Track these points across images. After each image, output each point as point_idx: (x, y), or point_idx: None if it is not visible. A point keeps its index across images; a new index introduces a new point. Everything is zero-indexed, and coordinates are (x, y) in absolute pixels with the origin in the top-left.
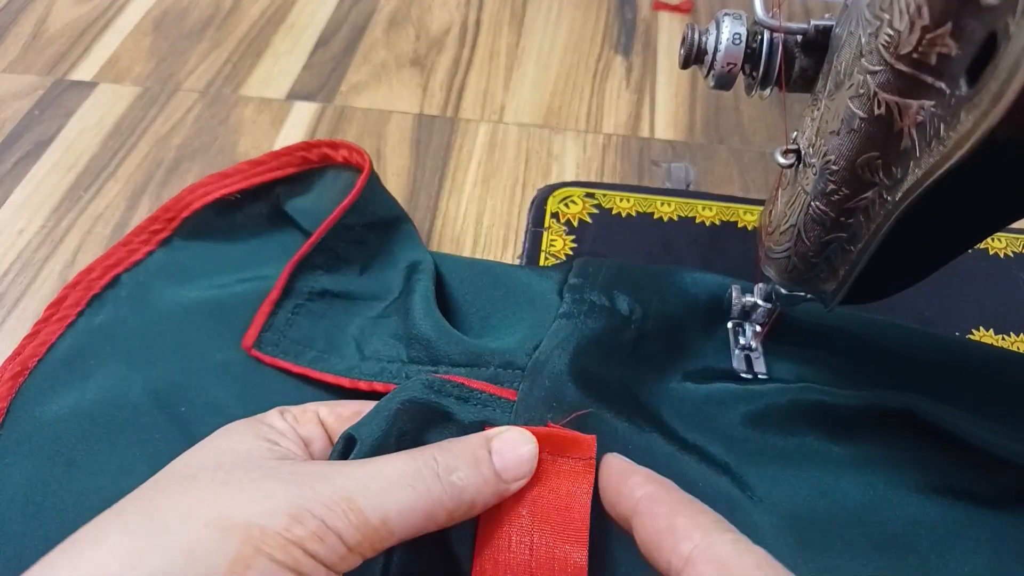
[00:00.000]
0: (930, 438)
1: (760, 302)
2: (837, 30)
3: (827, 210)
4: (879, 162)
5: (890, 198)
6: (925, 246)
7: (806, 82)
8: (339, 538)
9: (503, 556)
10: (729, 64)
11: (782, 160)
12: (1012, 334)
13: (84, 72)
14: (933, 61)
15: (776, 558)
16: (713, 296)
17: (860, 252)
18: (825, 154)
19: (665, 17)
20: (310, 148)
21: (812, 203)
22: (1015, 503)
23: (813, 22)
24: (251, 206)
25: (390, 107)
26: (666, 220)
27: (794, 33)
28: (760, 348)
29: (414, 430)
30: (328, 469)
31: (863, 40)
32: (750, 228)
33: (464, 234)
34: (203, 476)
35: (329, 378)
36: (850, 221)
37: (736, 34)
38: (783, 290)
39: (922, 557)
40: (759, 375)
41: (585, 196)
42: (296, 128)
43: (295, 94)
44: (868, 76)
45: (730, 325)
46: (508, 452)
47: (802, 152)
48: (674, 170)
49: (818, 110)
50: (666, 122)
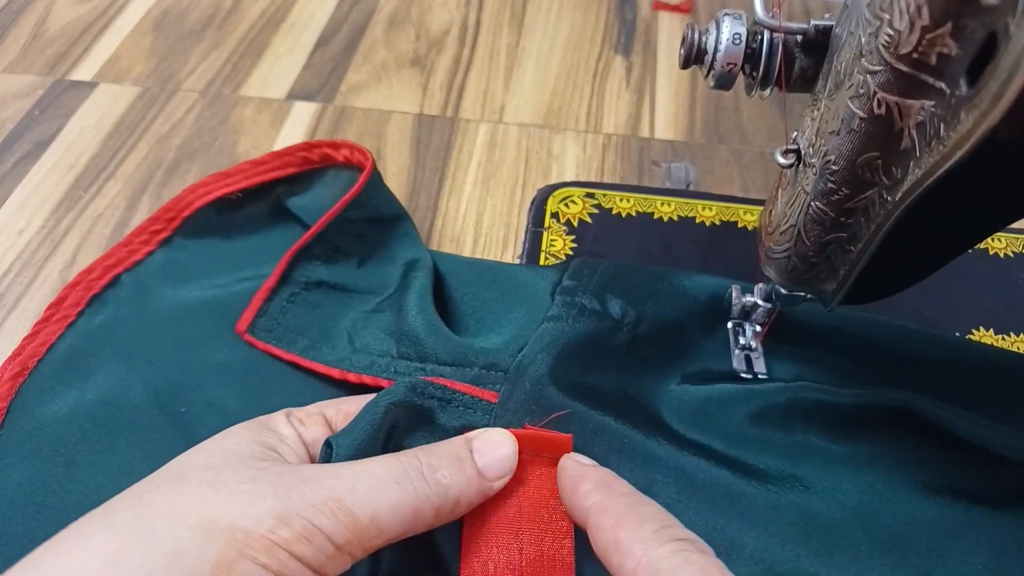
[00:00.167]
0: (929, 437)
1: (760, 302)
2: (837, 30)
3: (827, 210)
4: (879, 162)
5: (890, 198)
6: (925, 246)
7: (806, 82)
8: (327, 538)
9: (492, 556)
10: (729, 64)
11: (782, 160)
12: (1012, 334)
13: (84, 72)
14: (933, 61)
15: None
16: (712, 297)
17: (860, 252)
18: (825, 154)
19: (665, 17)
20: (311, 148)
21: (812, 203)
22: (1014, 503)
23: (813, 22)
24: (252, 206)
25: (390, 107)
26: (666, 220)
27: (794, 33)
28: (760, 348)
29: (398, 434)
30: (316, 471)
31: (863, 40)
32: (750, 228)
33: (464, 234)
34: (191, 477)
35: (319, 367)
36: (850, 221)
37: (736, 34)
38: (783, 290)
39: (921, 556)
40: (759, 375)
41: (585, 196)
42: (296, 128)
43: (295, 94)
44: (868, 76)
45: (730, 325)
46: (489, 451)
47: (802, 152)
48: (674, 170)
49: (818, 110)
50: (666, 122)
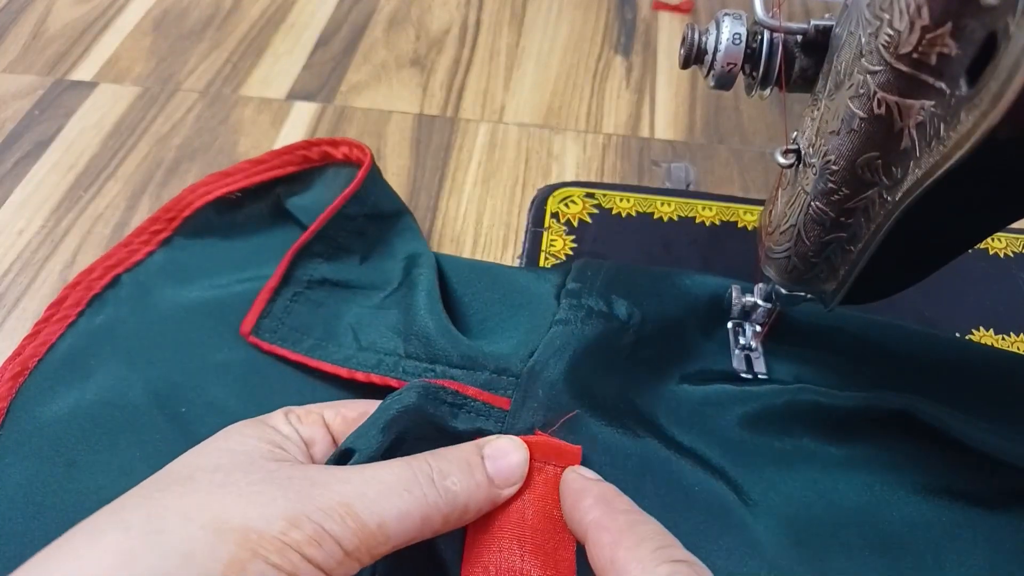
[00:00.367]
0: (927, 439)
1: (760, 302)
2: (837, 30)
3: (827, 210)
4: (879, 162)
5: (890, 198)
6: (925, 246)
7: (806, 82)
8: (336, 543)
9: (493, 561)
10: (729, 64)
11: (782, 160)
12: (1012, 334)
13: (84, 72)
14: (933, 61)
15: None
16: (713, 297)
17: (860, 252)
18: (825, 154)
19: (665, 17)
20: (311, 147)
21: (812, 203)
22: (1012, 504)
23: (813, 22)
24: (252, 205)
25: (390, 107)
26: (666, 220)
27: (794, 33)
28: (760, 348)
29: (410, 439)
30: (325, 474)
31: (863, 40)
32: (750, 228)
33: (464, 234)
34: (201, 478)
35: (326, 367)
36: (850, 221)
37: (736, 34)
38: (783, 290)
39: (919, 558)
40: (759, 375)
41: (585, 196)
42: (296, 128)
43: (295, 94)
44: (868, 76)
45: (730, 325)
46: (500, 458)
47: (802, 152)
48: (674, 170)
49: (818, 110)
50: (666, 122)
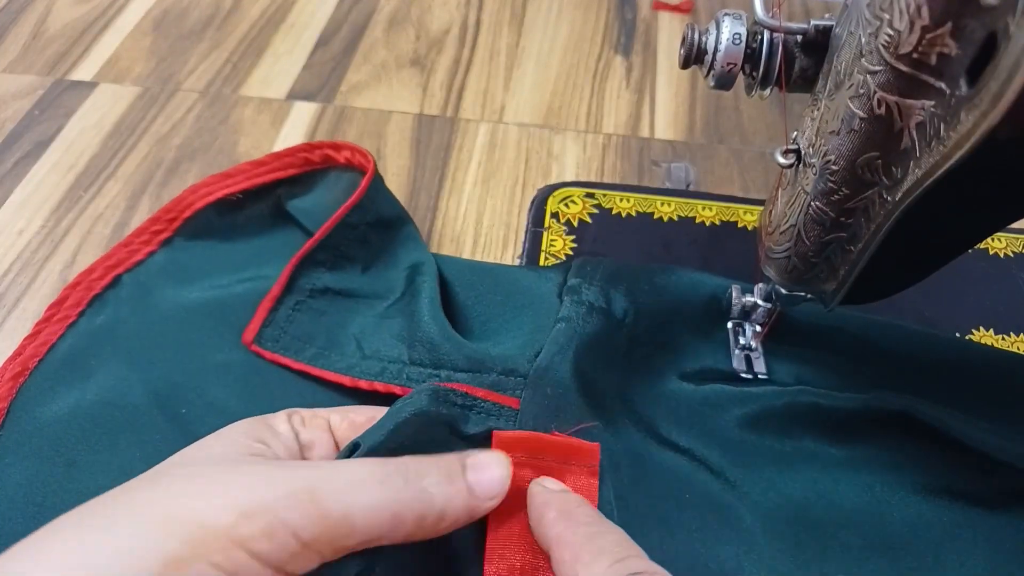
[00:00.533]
0: (927, 439)
1: (760, 302)
2: (837, 30)
3: (827, 210)
4: (879, 162)
5: (890, 198)
6: (925, 246)
7: (806, 82)
8: (292, 534)
9: (515, 560)
10: (729, 64)
11: (782, 160)
12: (1012, 334)
13: (84, 72)
14: (933, 61)
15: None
16: (711, 297)
17: (860, 252)
18: (825, 154)
19: (665, 17)
20: (312, 149)
21: (812, 203)
22: (1012, 504)
23: (813, 22)
24: (252, 206)
25: (390, 107)
26: (666, 220)
27: (794, 33)
28: (760, 348)
29: (418, 443)
30: (295, 465)
31: (863, 40)
32: (750, 228)
33: (464, 234)
34: (171, 473)
35: (329, 376)
36: (850, 221)
37: (736, 34)
38: (783, 290)
39: (919, 558)
40: (759, 375)
41: (585, 196)
42: (296, 128)
43: (295, 94)
44: (868, 76)
45: (730, 325)
46: (482, 469)
47: (802, 152)
48: (674, 170)
49: (818, 110)
50: (666, 122)
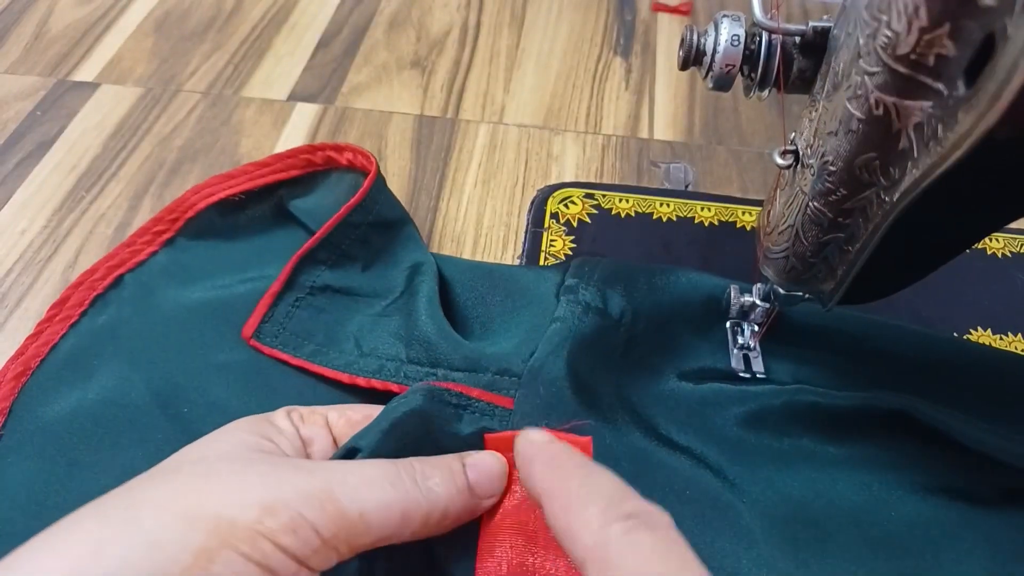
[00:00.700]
0: (926, 439)
1: (758, 302)
2: (835, 31)
3: (825, 210)
4: (877, 163)
5: (888, 199)
6: (923, 246)
7: (804, 83)
8: (314, 530)
9: (506, 556)
10: (728, 65)
11: (780, 161)
12: (1010, 334)
13: (86, 73)
14: (931, 62)
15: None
16: (710, 297)
17: (858, 252)
18: (823, 155)
19: (664, 19)
20: (314, 151)
21: (810, 203)
22: (1010, 504)
23: (811, 23)
24: (254, 207)
25: (391, 108)
26: (665, 220)
27: (792, 35)
28: (758, 348)
29: (413, 441)
30: (309, 463)
31: (861, 41)
32: (748, 228)
33: (464, 234)
34: (185, 469)
35: (327, 372)
36: (848, 221)
37: (735, 36)
38: (781, 290)
39: (918, 557)
40: (757, 375)
41: (584, 197)
42: (297, 129)
43: (296, 95)
44: (866, 77)
45: (728, 325)
46: (481, 467)
47: (800, 153)
48: (673, 171)
49: (816, 111)
50: (665, 123)
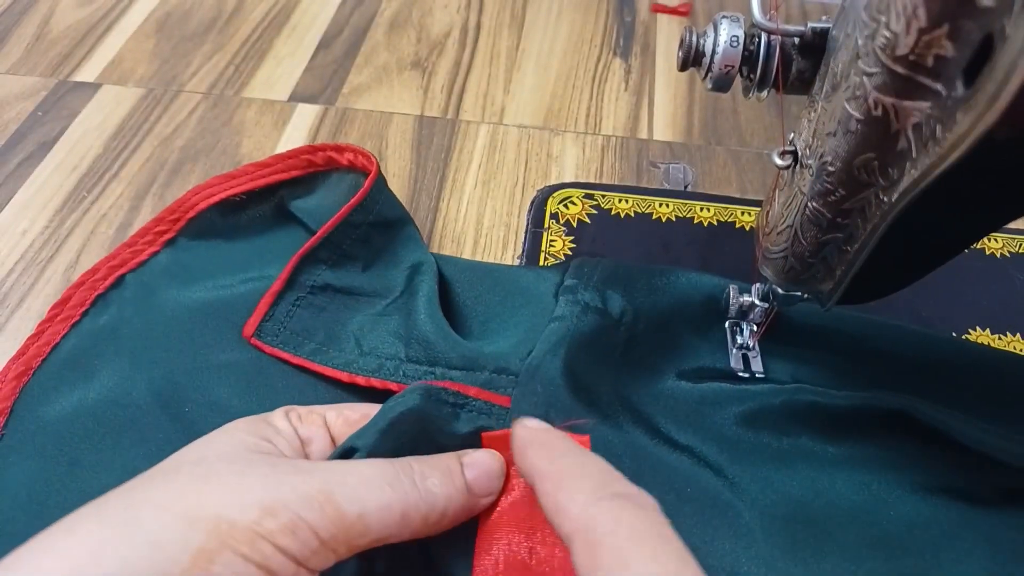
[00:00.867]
0: (925, 439)
1: (757, 302)
2: (834, 32)
3: (824, 211)
4: (875, 163)
5: (886, 199)
6: (921, 246)
7: (803, 84)
8: (313, 532)
9: (503, 553)
10: (727, 66)
11: (779, 161)
12: (1009, 334)
13: (87, 73)
14: (930, 63)
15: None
16: (709, 297)
17: (856, 252)
18: (822, 155)
19: (663, 20)
20: (315, 151)
21: (809, 204)
22: (1010, 504)
23: (810, 24)
24: (255, 208)
25: (391, 109)
26: (664, 221)
27: (791, 35)
28: (757, 347)
29: (410, 440)
30: (308, 464)
31: (860, 42)
32: (748, 228)
33: (464, 235)
34: (184, 470)
35: (327, 371)
36: (846, 222)
37: (734, 36)
38: (780, 290)
39: (917, 557)
40: (756, 374)
41: (584, 197)
42: (298, 130)
43: (297, 96)
44: (865, 78)
45: (727, 325)
46: (479, 467)
47: (799, 153)
48: (672, 171)
49: (815, 112)
50: (664, 124)
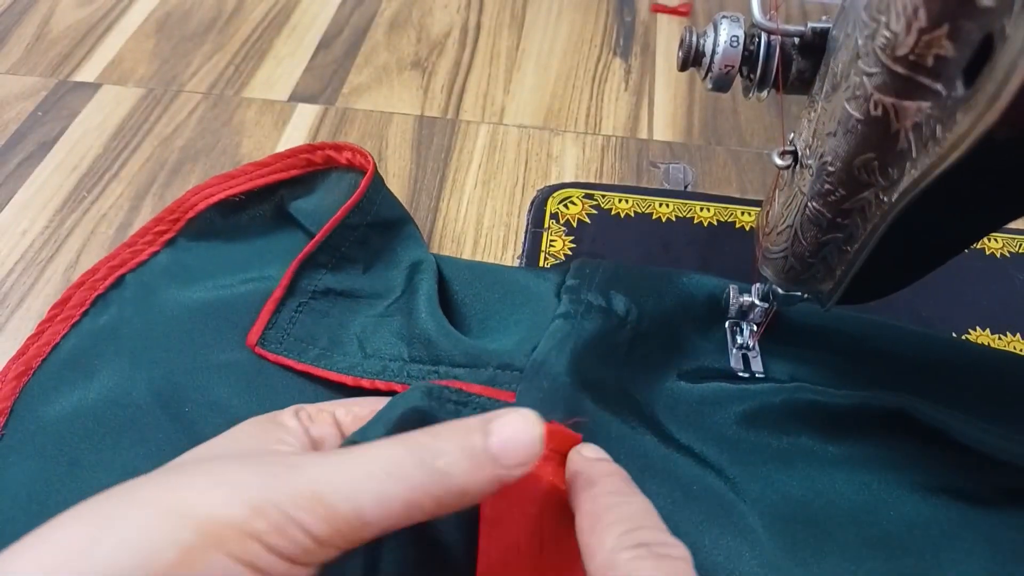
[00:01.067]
0: (925, 438)
1: (757, 302)
2: (834, 32)
3: (824, 211)
4: (875, 163)
5: (886, 199)
6: (921, 246)
7: (803, 84)
8: (304, 531)
9: (511, 549)
10: (727, 66)
11: (779, 161)
12: (1008, 334)
13: (87, 73)
14: (930, 63)
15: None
16: (710, 297)
17: (856, 252)
18: (822, 155)
19: (664, 20)
20: (314, 150)
21: (809, 204)
22: (1010, 503)
23: (810, 24)
24: (255, 207)
25: (391, 109)
26: (664, 221)
27: (791, 35)
28: (757, 347)
29: None
30: (303, 460)
31: (860, 42)
32: (748, 228)
33: (464, 235)
34: (183, 470)
35: (332, 376)
36: (846, 222)
37: (734, 36)
38: (780, 290)
39: (917, 557)
40: (756, 374)
41: (584, 197)
42: (298, 130)
43: (297, 96)
44: (865, 78)
45: (727, 325)
46: (508, 434)
47: (799, 153)
48: (672, 171)
49: (815, 112)
50: (664, 124)
